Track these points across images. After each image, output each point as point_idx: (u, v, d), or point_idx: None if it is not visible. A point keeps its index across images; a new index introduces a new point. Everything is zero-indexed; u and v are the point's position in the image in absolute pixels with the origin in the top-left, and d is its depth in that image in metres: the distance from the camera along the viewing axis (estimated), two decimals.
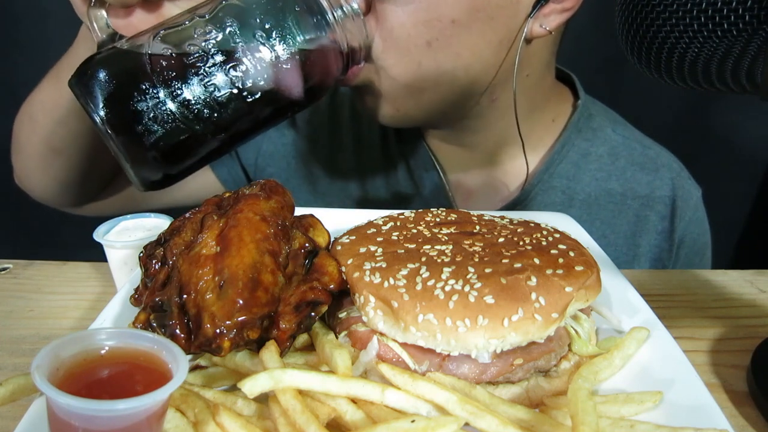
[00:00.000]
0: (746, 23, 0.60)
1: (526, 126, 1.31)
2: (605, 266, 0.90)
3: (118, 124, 0.80)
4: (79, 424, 0.54)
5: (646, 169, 1.46)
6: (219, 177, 1.59)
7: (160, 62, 0.80)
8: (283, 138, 1.57)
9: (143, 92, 0.80)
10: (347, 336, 0.78)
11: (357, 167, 1.53)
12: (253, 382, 0.63)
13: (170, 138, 0.81)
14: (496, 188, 1.47)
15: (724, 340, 0.98)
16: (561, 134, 1.43)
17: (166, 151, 0.83)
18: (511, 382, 0.74)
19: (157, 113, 0.80)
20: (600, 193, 1.44)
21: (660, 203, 1.44)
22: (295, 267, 0.79)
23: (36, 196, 1.44)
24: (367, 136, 1.53)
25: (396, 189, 1.52)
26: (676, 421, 0.66)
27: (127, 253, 1.01)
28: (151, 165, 0.83)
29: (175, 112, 0.80)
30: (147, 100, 0.80)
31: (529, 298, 0.72)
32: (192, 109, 0.81)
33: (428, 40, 1.10)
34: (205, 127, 0.83)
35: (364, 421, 0.66)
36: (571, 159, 1.43)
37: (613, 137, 1.47)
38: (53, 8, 1.93)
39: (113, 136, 0.80)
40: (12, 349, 0.94)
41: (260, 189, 0.85)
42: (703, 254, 1.52)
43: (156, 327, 0.71)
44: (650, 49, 0.69)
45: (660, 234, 1.44)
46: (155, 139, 0.81)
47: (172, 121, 0.81)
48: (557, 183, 1.43)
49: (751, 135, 2.41)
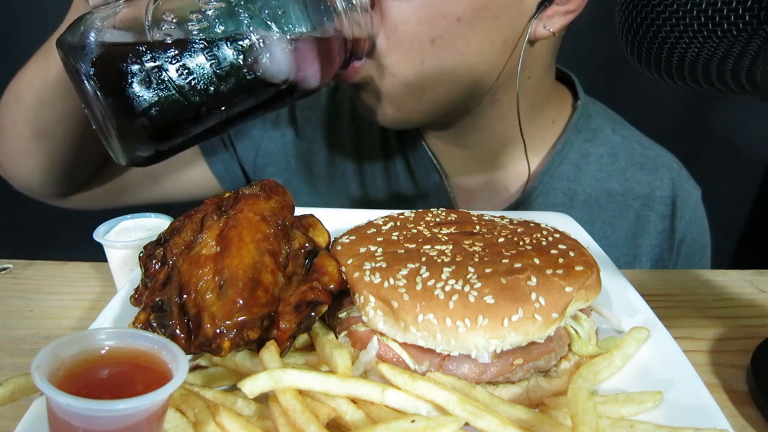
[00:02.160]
0: (746, 23, 0.60)
1: (527, 127, 1.31)
2: (605, 266, 0.90)
3: (108, 84, 0.74)
4: (79, 424, 0.54)
5: (646, 169, 1.46)
6: (215, 172, 1.55)
7: (160, 25, 0.76)
8: (283, 137, 1.56)
9: (139, 55, 0.74)
10: (347, 336, 0.78)
11: (357, 168, 1.53)
12: (253, 382, 0.63)
13: (163, 106, 0.76)
14: (497, 190, 1.47)
15: (724, 340, 0.98)
16: (561, 135, 1.43)
17: (157, 121, 0.77)
18: (511, 382, 0.74)
19: (152, 78, 0.74)
20: (600, 193, 1.44)
21: (660, 203, 1.44)
22: (295, 267, 0.79)
23: (20, 184, 1.37)
24: (366, 136, 1.53)
25: (397, 190, 1.52)
26: (676, 421, 0.66)
27: (127, 253, 1.01)
28: (139, 135, 0.78)
29: (172, 80, 0.75)
30: (143, 63, 0.74)
31: (529, 298, 0.72)
32: (189, 79, 0.77)
33: (432, 38, 1.09)
34: (201, 100, 0.78)
35: (364, 421, 0.66)
36: (572, 160, 1.43)
37: (612, 138, 1.48)
38: (53, 8, 1.93)
39: (101, 97, 0.74)
40: (12, 349, 0.94)
41: (260, 189, 0.85)
42: (702, 254, 1.52)
43: (156, 327, 0.71)
44: (650, 49, 0.69)
45: (660, 234, 1.44)
46: (147, 105, 0.75)
47: (167, 88, 0.76)
48: (558, 184, 1.42)
49: (751, 135, 2.41)
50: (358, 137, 1.54)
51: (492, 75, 1.19)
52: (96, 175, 1.46)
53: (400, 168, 1.50)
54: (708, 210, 1.50)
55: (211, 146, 1.54)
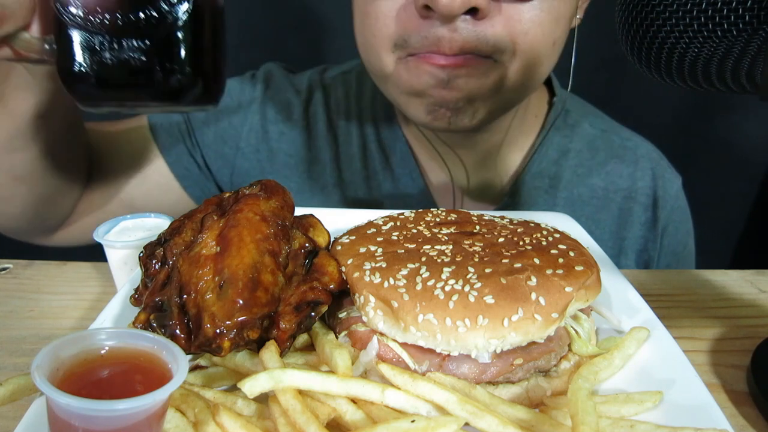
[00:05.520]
0: (746, 23, 0.60)
1: (516, 124, 1.31)
2: (605, 266, 0.90)
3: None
4: (79, 424, 0.54)
5: (626, 161, 1.46)
6: (192, 195, 1.54)
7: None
8: (257, 154, 1.53)
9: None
10: (347, 336, 0.78)
11: (337, 180, 1.51)
12: (253, 382, 0.63)
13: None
14: (480, 192, 1.46)
15: (724, 340, 0.98)
16: (540, 133, 1.43)
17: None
18: (511, 382, 0.74)
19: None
20: (583, 189, 1.44)
21: (642, 194, 1.44)
22: (295, 267, 0.79)
23: (3, 228, 1.36)
24: (345, 146, 1.51)
25: (379, 200, 1.49)
26: (676, 421, 0.66)
27: (127, 253, 1.01)
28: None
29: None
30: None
31: (529, 298, 0.72)
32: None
33: (554, 40, 1.09)
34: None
35: (364, 421, 0.66)
36: (551, 158, 1.43)
37: (590, 131, 1.47)
38: None
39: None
40: (12, 349, 0.94)
41: (260, 189, 0.85)
42: (686, 243, 1.52)
43: (156, 327, 0.71)
44: (650, 49, 0.69)
45: (644, 225, 1.44)
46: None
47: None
48: (539, 183, 1.42)
49: (751, 135, 2.41)
50: (335, 151, 1.51)
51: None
52: (76, 210, 1.43)
53: (383, 177, 1.48)
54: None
55: (186, 171, 1.52)
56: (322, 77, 1.58)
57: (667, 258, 1.48)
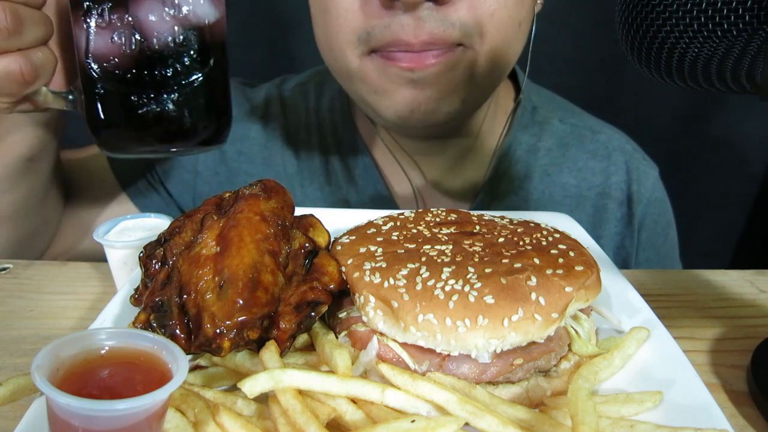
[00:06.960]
0: (746, 23, 0.60)
1: (486, 127, 1.28)
2: (605, 266, 0.90)
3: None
4: (79, 424, 0.54)
5: (598, 156, 1.41)
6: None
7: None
8: (217, 176, 1.51)
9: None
10: (347, 336, 0.78)
11: (301, 198, 1.48)
12: (253, 382, 0.63)
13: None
14: (449, 200, 1.43)
15: (724, 340, 0.98)
16: (507, 134, 1.38)
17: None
18: (511, 382, 0.74)
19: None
20: (555, 189, 1.39)
21: (616, 189, 1.40)
22: (295, 267, 0.79)
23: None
24: (306, 162, 1.48)
25: (343, 204, 1.46)
26: (676, 421, 0.66)
27: (127, 253, 1.01)
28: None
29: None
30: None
31: (529, 298, 0.72)
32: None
33: (520, 21, 1.07)
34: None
35: (364, 421, 0.66)
36: (520, 158, 1.38)
37: (560, 127, 1.43)
38: None
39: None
40: (12, 349, 0.94)
41: (260, 189, 0.85)
42: (666, 234, 1.48)
43: (156, 327, 0.71)
44: (650, 49, 0.69)
45: (620, 221, 1.40)
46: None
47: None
48: (508, 187, 1.38)
49: (751, 135, 2.41)
50: (296, 164, 1.49)
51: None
52: (57, 235, 1.41)
53: (346, 191, 1.45)
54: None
55: (146, 199, 1.49)
56: (280, 89, 1.55)
57: (647, 252, 1.44)
